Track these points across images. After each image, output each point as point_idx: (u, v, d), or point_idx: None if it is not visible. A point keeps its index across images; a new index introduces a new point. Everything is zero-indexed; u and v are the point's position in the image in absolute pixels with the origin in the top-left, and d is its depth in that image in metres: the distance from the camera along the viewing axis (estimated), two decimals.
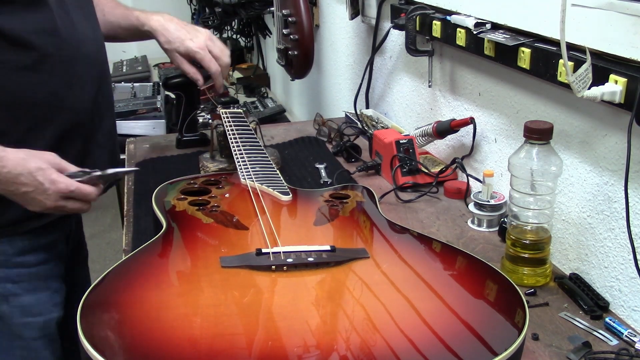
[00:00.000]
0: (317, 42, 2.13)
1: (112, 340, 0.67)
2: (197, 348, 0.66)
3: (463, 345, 0.67)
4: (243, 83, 2.82)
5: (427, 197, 1.27)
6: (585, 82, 0.85)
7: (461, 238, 1.12)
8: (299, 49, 1.75)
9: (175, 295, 0.76)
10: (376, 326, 0.70)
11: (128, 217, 1.23)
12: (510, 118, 1.15)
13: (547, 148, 0.91)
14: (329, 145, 1.61)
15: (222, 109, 1.42)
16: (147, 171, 1.45)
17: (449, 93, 1.37)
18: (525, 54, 1.00)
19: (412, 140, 1.34)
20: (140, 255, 0.86)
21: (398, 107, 1.64)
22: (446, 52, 1.36)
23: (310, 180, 1.37)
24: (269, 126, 1.83)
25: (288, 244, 0.88)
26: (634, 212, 0.87)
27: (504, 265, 0.99)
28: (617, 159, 0.90)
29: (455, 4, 1.23)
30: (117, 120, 2.05)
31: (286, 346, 0.66)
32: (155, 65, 3.32)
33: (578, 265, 1.00)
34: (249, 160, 1.20)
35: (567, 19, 0.82)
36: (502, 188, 1.19)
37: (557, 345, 0.83)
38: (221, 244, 0.90)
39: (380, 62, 1.70)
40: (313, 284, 0.80)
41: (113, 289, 0.77)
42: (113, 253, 3.20)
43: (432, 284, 0.80)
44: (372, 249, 0.90)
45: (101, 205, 3.74)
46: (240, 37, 3.13)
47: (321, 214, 1.03)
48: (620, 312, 0.91)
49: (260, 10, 2.33)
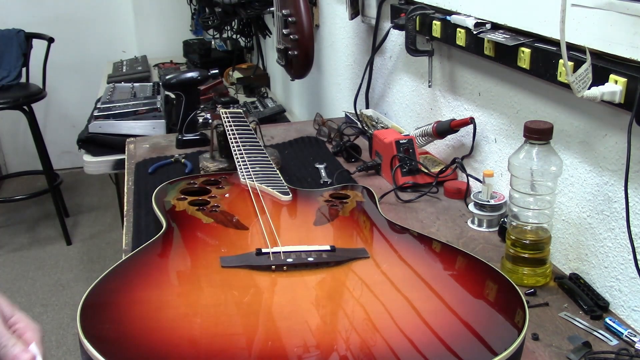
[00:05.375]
0: (317, 42, 2.13)
1: (112, 340, 0.67)
2: (197, 348, 0.66)
3: (463, 345, 0.67)
4: (243, 83, 2.82)
5: (427, 197, 1.27)
6: (585, 82, 0.85)
7: (461, 238, 1.12)
8: (299, 49, 1.75)
9: (175, 295, 0.76)
10: (376, 326, 0.70)
11: (128, 217, 1.23)
12: (510, 118, 1.15)
13: (547, 148, 0.91)
14: (329, 145, 1.61)
15: (222, 109, 1.42)
16: (147, 171, 1.45)
17: (449, 93, 1.37)
18: (525, 54, 1.00)
19: (412, 140, 1.34)
20: (140, 255, 0.86)
21: (398, 107, 1.64)
22: (446, 52, 1.36)
23: (310, 180, 1.37)
24: (269, 126, 1.83)
25: (288, 243, 0.88)
26: (634, 212, 0.87)
27: (504, 265, 0.99)
28: (617, 159, 0.90)
29: (455, 4, 1.22)
30: (117, 120, 2.07)
31: (286, 346, 0.66)
32: (155, 65, 3.32)
33: (578, 265, 0.99)
34: (249, 160, 1.20)
35: (567, 19, 0.82)
36: (502, 188, 1.19)
37: (557, 345, 0.83)
38: (221, 244, 0.90)
39: (380, 62, 1.70)
40: (313, 283, 0.80)
41: (113, 289, 0.77)
42: (113, 253, 3.20)
43: (432, 284, 0.80)
44: (372, 249, 0.90)
45: (101, 205, 3.74)
46: (240, 37, 3.13)
47: (321, 214, 1.03)
48: (620, 312, 0.91)
49: (260, 10, 2.32)
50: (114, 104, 2.23)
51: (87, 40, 4.03)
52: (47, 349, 2.51)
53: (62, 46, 3.69)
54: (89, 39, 4.03)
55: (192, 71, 1.64)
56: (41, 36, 3.37)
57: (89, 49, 4.03)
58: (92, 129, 2.06)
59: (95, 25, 4.02)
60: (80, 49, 4.01)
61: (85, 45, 4.02)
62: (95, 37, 4.04)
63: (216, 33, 3.21)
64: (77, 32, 3.98)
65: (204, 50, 3.24)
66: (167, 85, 1.63)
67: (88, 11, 3.98)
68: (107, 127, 2.06)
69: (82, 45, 4.01)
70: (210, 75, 1.81)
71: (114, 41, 4.06)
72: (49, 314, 2.70)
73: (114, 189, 3.14)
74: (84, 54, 4.02)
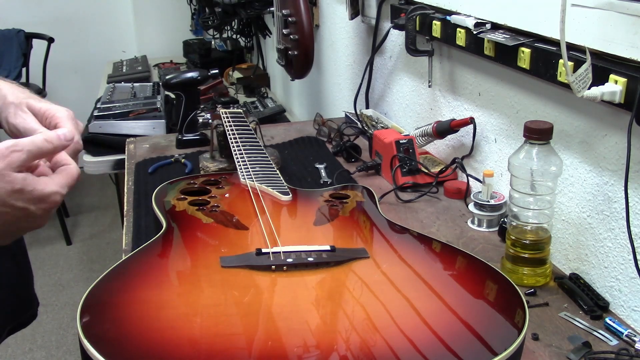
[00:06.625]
0: (317, 42, 2.13)
1: (112, 340, 0.67)
2: (197, 348, 0.66)
3: (463, 345, 0.67)
4: (243, 83, 2.82)
5: (427, 197, 1.27)
6: (585, 82, 0.85)
7: (461, 238, 1.12)
8: (299, 49, 1.75)
9: (175, 295, 0.76)
10: (376, 326, 0.70)
11: (128, 217, 1.23)
12: (510, 118, 1.15)
13: (547, 148, 0.91)
14: (329, 145, 1.61)
15: (222, 109, 1.42)
16: (147, 171, 1.45)
17: (449, 93, 1.37)
18: (525, 54, 1.00)
19: (412, 140, 1.34)
20: (140, 255, 0.86)
21: (398, 107, 1.64)
22: (446, 52, 1.36)
23: (310, 180, 1.37)
24: (269, 126, 1.83)
25: (288, 243, 0.88)
26: (634, 212, 0.87)
27: (504, 265, 0.99)
28: (617, 159, 0.90)
29: (455, 4, 1.22)
30: (117, 120, 2.07)
31: (286, 346, 0.66)
32: (155, 65, 3.32)
33: (578, 265, 0.99)
34: (249, 160, 1.20)
35: (567, 19, 0.82)
36: (502, 188, 1.19)
37: (557, 345, 0.83)
38: (221, 244, 0.90)
39: (380, 62, 1.70)
40: (313, 283, 0.80)
41: (113, 289, 0.77)
42: (113, 253, 3.20)
43: (432, 284, 0.80)
44: (372, 249, 0.90)
45: (101, 205, 3.74)
46: (240, 37, 3.13)
47: (321, 214, 1.03)
48: (620, 312, 0.91)
49: (260, 10, 2.33)
50: (114, 104, 2.23)
51: (87, 40, 4.03)
52: (47, 349, 2.52)
53: (62, 46, 3.69)
54: (89, 39, 4.03)
55: (192, 71, 1.64)
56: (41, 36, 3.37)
57: (89, 49, 4.03)
58: (92, 129, 2.06)
59: (95, 25, 4.03)
60: (80, 49, 4.01)
61: (85, 45, 4.03)
62: (95, 37, 4.04)
63: (216, 33, 3.21)
64: (77, 32, 3.98)
65: (204, 50, 3.24)
66: (167, 85, 1.63)
67: (88, 11, 3.99)
68: (107, 127, 2.06)
69: (82, 45, 4.01)
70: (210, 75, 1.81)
71: (114, 41, 4.06)
72: (49, 314, 2.70)
73: (114, 189, 3.14)
74: (84, 54, 4.02)
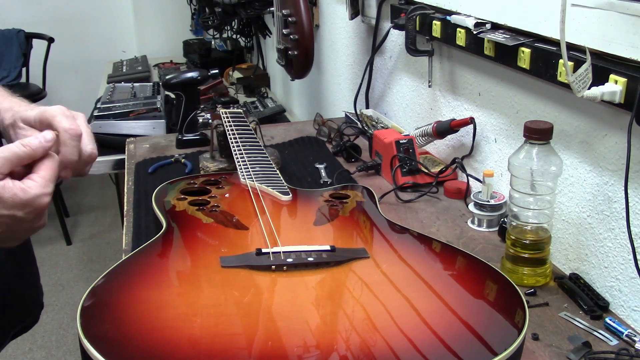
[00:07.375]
0: (317, 42, 2.13)
1: (112, 340, 0.67)
2: (197, 348, 0.66)
3: (463, 345, 0.67)
4: (243, 83, 2.82)
5: (427, 197, 1.27)
6: (585, 82, 0.85)
7: (461, 238, 1.12)
8: (299, 49, 1.75)
9: (175, 295, 0.76)
10: (376, 326, 0.70)
11: (128, 217, 1.23)
12: (510, 118, 1.15)
13: (547, 148, 0.91)
14: (329, 145, 1.61)
15: (222, 109, 1.42)
16: (147, 171, 1.45)
17: (449, 93, 1.37)
18: (525, 54, 1.00)
19: (412, 140, 1.34)
20: (140, 255, 0.86)
21: (398, 107, 1.64)
22: (446, 52, 1.36)
23: (310, 180, 1.37)
24: (269, 126, 1.83)
25: (288, 243, 0.88)
26: (634, 212, 0.87)
27: (504, 265, 0.99)
28: (617, 159, 0.90)
29: (455, 4, 1.22)
30: (117, 120, 2.07)
31: (286, 346, 0.66)
32: (155, 65, 3.32)
33: (578, 265, 0.99)
34: (249, 160, 1.20)
35: (567, 19, 0.82)
36: (502, 188, 1.18)
37: (557, 345, 0.83)
38: (221, 244, 0.90)
39: (380, 62, 1.70)
40: (313, 283, 0.80)
41: (113, 289, 0.77)
42: (113, 253, 3.21)
43: (432, 284, 0.80)
44: (372, 249, 0.90)
45: (101, 205, 3.75)
46: (240, 37, 3.13)
47: (321, 214, 1.03)
48: (620, 312, 0.91)
49: (260, 10, 2.33)
50: (114, 104, 2.23)
51: (87, 40, 4.03)
52: (47, 349, 2.52)
53: (62, 46, 3.69)
54: (89, 39, 4.03)
55: (192, 71, 1.64)
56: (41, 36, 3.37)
57: (89, 49, 4.03)
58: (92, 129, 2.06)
59: (95, 25, 4.03)
60: (80, 49, 4.01)
61: (85, 45, 4.03)
62: (95, 37, 4.04)
63: (216, 33, 3.21)
64: (77, 32, 3.98)
65: (204, 50, 3.24)
66: (167, 85, 1.63)
67: (88, 11, 3.99)
68: (107, 127, 2.06)
69: (82, 45, 4.02)
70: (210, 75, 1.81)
71: (114, 41, 4.06)
72: (49, 314, 2.70)
73: (114, 189, 3.14)
74: (84, 54, 4.02)
